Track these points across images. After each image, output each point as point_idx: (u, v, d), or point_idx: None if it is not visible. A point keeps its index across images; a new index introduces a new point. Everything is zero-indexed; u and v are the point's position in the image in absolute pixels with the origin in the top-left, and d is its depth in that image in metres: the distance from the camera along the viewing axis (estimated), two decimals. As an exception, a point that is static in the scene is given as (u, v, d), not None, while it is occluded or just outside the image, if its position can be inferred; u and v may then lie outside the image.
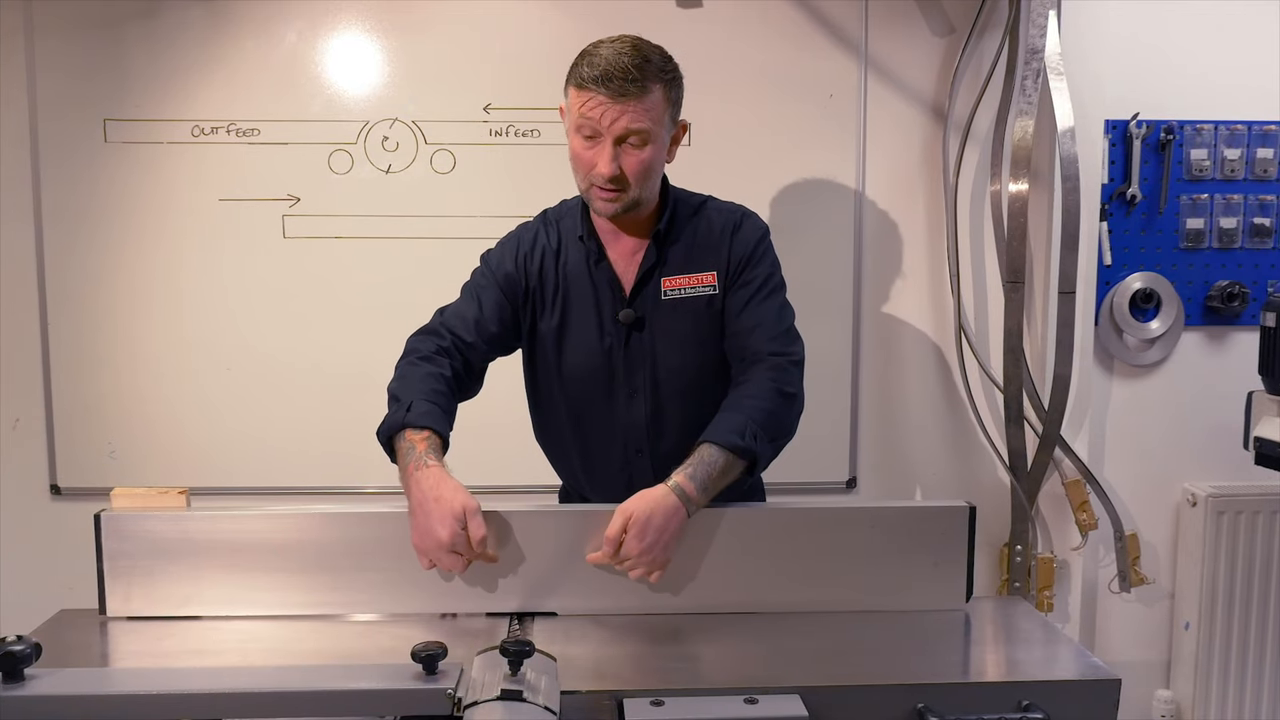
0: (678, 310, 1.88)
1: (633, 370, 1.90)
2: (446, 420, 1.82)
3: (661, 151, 1.82)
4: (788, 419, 1.84)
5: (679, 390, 1.91)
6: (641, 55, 1.77)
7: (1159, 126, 2.69)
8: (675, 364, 1.89)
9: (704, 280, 1.87)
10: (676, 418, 1.92)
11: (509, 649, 1.37)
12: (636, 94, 1.74)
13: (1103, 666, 1.59)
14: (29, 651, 1.27)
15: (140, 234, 2.59)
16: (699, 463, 1.70)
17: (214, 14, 2.54)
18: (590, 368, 1.92)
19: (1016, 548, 2.71)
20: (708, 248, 1.88)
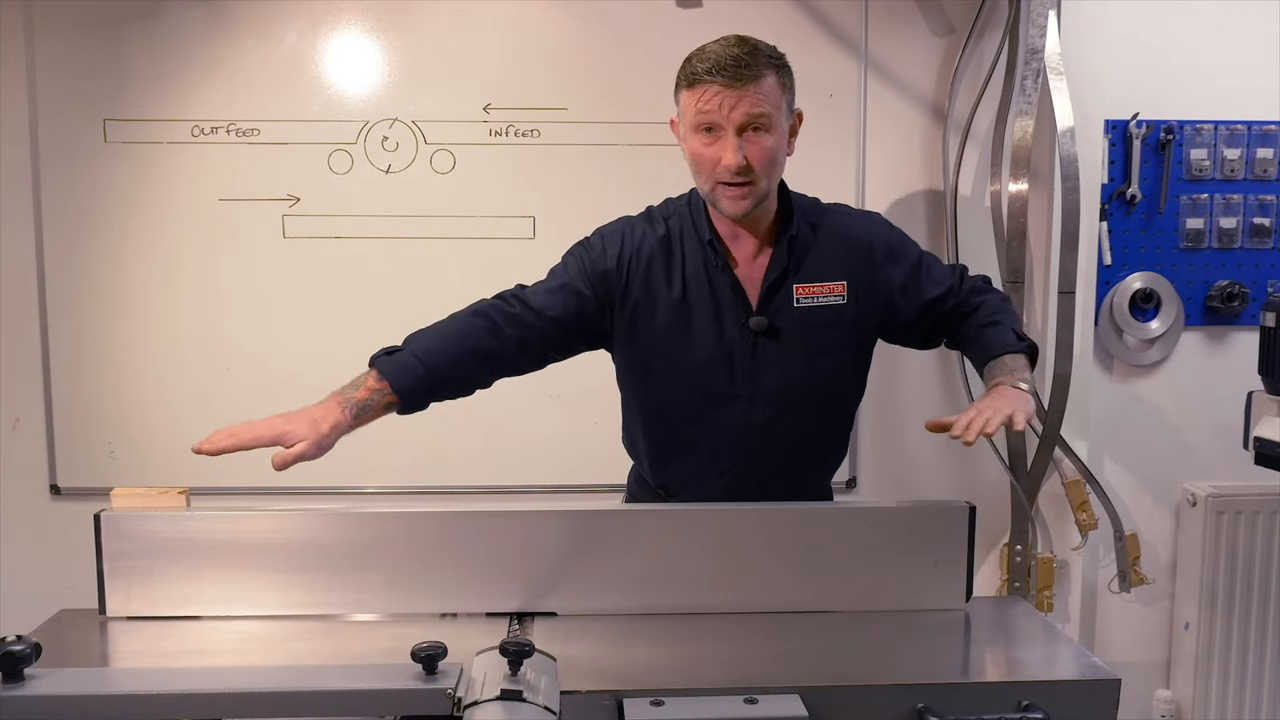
0: (809, 318, 1.83)
1: (756, 377, 1.85)
2: (420, 381, 1.81)
3: (783, 140, 1.78)
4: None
5: (799, 398, 1.87)
6: (750, 44, 1.75)
7: (1159, 126, 2.69)
8: (801, 372, 1.85)
9: (834, 290, 1.83)
10: (792, 425, 1.89)
11: (509, 649, 1.37)
12: (752, 79, 1.71)
13: (1102, 666, 1.59)
14: (29, 651, 1.27)
15: (140, 234, 2.59)
16: (1017, 367, 1.79)
17: (214, 14, 2.54)
18: (706, 373, 1.86)
19: (1016, 547, 2.71)
20: (837, 258, 1.84)
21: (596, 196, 2.60)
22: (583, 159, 2.61)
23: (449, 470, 2.65)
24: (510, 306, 1.86)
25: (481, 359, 1.85)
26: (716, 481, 1.94)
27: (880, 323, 1.89)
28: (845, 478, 2.74)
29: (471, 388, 1.89)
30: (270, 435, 1.69)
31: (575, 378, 2.62)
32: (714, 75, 1.72)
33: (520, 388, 2.63)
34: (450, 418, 2.63)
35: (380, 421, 2.64)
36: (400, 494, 2.64)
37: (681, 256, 1.85)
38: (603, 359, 2.63)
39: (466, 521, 1.79)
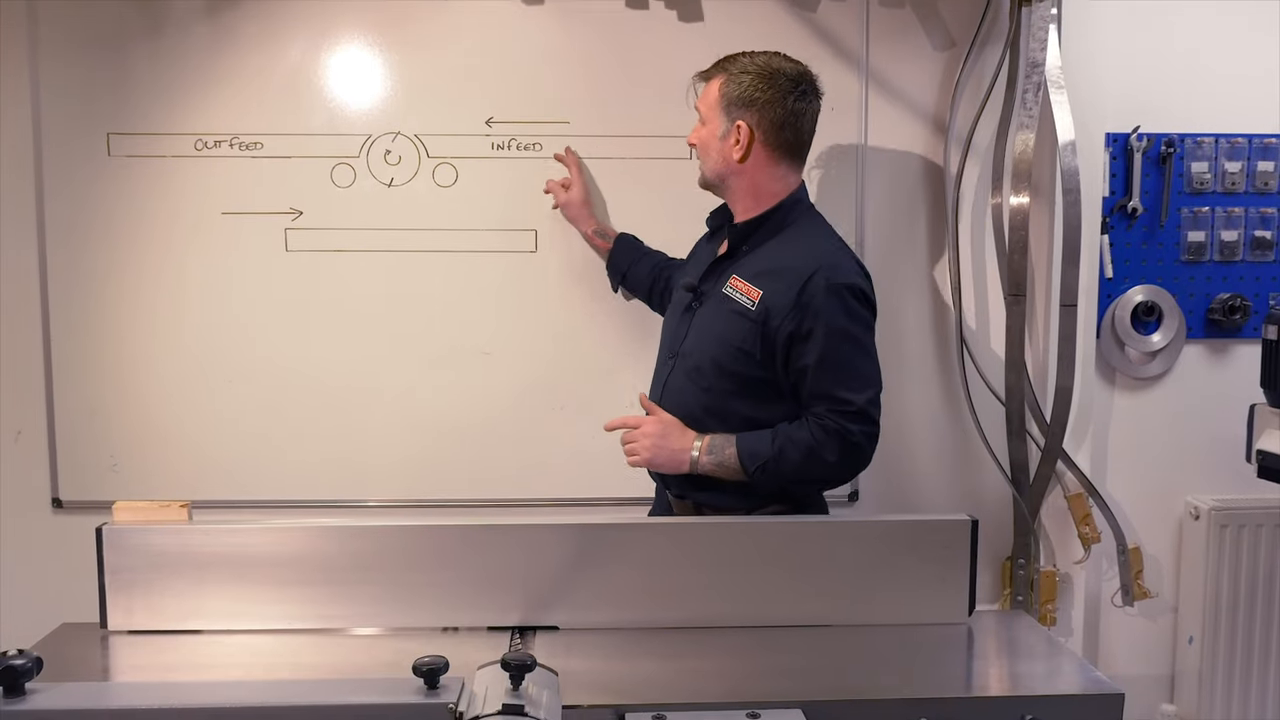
0: (726, 304, 2.06)
1: (680, 337, 2.14)
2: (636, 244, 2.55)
3: (710, 137, 2.09)
4: (810, 475, 2.01)
5: (690, 369, 2.10)
6: (733, 55, 2.11)
7: (1160, 139, 2.69)
8: (697, 346, 2.10)
9: (750, 294, 2.03)
10: (679, 393, 2.11)
11: (511, 663, 1.37)
12: (703, 80, 2.12)
13: (1106, 681, 1.59)
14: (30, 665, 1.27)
15: (143, 247, 2.59)
16: (721, 448, 2.00)
17: (218, 29, 2.55)
18: (666, 322, 2.26)
19: (1019, 561, 2.70)
20: (769, 274, 2.03)
21: (599, 210, 2.61)
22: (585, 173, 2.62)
23: (451, 484, 2.65)
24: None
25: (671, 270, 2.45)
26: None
27: (769, 344, 2.00)
28: (847, 491, 2.74)
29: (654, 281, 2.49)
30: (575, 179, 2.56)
31: (579, 390, 2.63)
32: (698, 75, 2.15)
33: (523, 399, 2.65)
34: (453, 430, 2.65)
35: (382, 433, 2.67)
36: (402, 507, 2.64)
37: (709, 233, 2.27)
38: (607, 372, 2.65)
39: (468, 535, 1.79)
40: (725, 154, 2.07)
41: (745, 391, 2.04)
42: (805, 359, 1.97)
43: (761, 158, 2.06)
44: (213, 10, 2.54)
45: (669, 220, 2.57)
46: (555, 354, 2.65)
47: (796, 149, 2.10)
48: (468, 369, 2.65)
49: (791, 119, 2.05)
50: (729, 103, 2.05)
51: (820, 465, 1.97)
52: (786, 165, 2.09)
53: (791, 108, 2.05)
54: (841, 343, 1.98)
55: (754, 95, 2.04)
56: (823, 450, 1.96)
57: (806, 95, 2.08)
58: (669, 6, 2.60)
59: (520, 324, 2.65)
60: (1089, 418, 2.73)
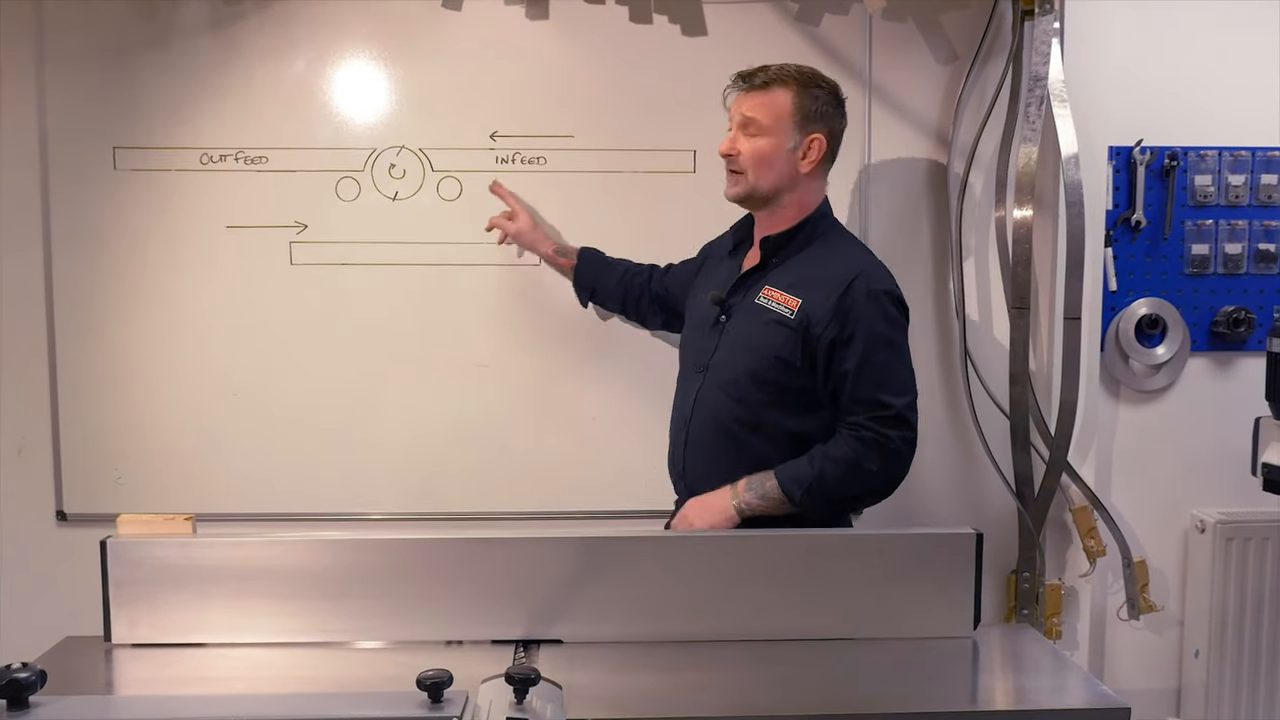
0: (759, 317, 2.07)
1: (709, 351, 2.13)
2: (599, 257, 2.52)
3: (779, 149, 2.06)
4: (854, 490, 2.04)
5: (723, 381, 2.09)
6: (789, 65, 2.10)
7: (1163, 152, 2.70)
8: (730, 357, 2.09)
9: (788, 304, 2.05)
10: (715, 404, 2.10)
11: (514, 677, 1.36)
12: (759, 87, 2.07)
13: (1112, 695, 1.58)
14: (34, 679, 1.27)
15: (148, 260, 2.60)
16: (761, 483, 2.00)
17: (223, 43, 2.56)
18: (690, 338, 2.25)
19: (1024, 574, 2.69)
20: (808, 283, 2.05)
21: (603, 224, 2.61)
22: (589, 186, 2.62)
23: (455, 496, 2.65)
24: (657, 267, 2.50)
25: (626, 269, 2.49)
26: (675, 441, 2.19)
27: (811, 352, 2.02)
28: (851, 504, 2.73)
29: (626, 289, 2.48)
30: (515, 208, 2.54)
31: (582, 402, 2.63)
32: (735, 83, 2.11)
33: (526, 413, 2.65)
34: (457, 443, 2.65)
35: (386, 446, 2.67)
36: (406, 520, 2.64)
37: (727, 244, 2.25)
38: (609, 386, 2.65)
39: (472, 548, 1.79)
40: (793, 167, 2.08)
41: (781, 401, 2.05)
42: (846, 364, 2.00)
43: (817, 172, 2.12)
44: (218, 25, 2.56)
45: (672, 233, 2.58)
46: (558, 367, 2.65)
47: (834, 162, 2.17)
48: (471, 382, 2.65)
49: (840, 135, 2.15)
50: (805, 116, 2.06)
51: (863, 477, 2.00)
52: (824, 178, 2.16)
53: (843, 124, 2.15)
54: (881, 348, 2.01)
55: (827, 110, 2.09)
56: (864, 461, 1.98)
57: (846, 114, 2.17)
58: (672, 21, 2.61)
59: (523, 337, 2.65)
60: (1094, 430, 2.72)
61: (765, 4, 2.62)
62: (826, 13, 2.62)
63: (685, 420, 2.15)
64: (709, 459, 2.10)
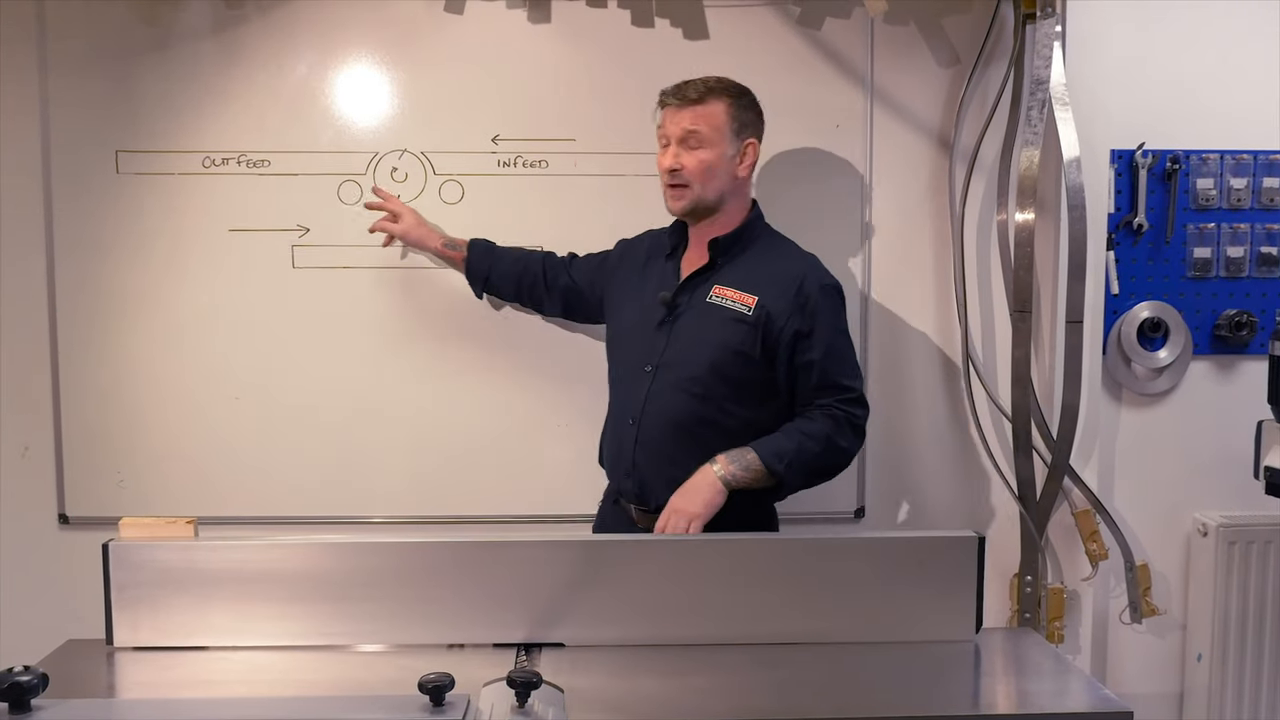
0: (713, 314, 2.15)
1: (659, 349, 2.17)
2: (490, 247, 2.53)
3: (722, 159, 2.14)
4: (828, 464, 2.16)
5: (680, 378, 2.15)
6: (715, 78, 2.17)
7: (1165, 156, 2.70)
8: (687, 354, 2.15)
9: (744, 300, 2.14)
10: (670, 400, 2.15)
11: (516, 680, 1.37)
12: (695, 100, 2.13)
13: (1114, 699, 1.58)
14: (35, 682, 1.27)
15: (151, 264, 2.60)
16: (741, 455, 2.06)
17: (225, 47, 2.57)
18: (630, 338, 2.26)
19: (1026, 578, 2.69)
20: (761, 280, 2.15)
21: (604, 227, 2.60)
22: (591, 190, 2.62)
23: (456, 500, 2.65)
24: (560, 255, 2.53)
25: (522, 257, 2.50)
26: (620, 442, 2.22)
27: (772, 345, 2.13)
28: (853, 508, 2.73)
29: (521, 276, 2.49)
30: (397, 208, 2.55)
31: (584, 406, 2.63)
32: (667, 98, 2.17)
33: (528, 416, 2.65)
34: (459, 446, 2.65)
35: (388, 449, 2.67)
36: (407, 524, 2.64)
37: (657, 249, 2.30)
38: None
39: (474, 552, 1.79)
40: (734, 174, 2.18)
41: (739, 393, 2.15)
42: (811, 354, 2.13)
43: (750, 175, 2.23)
44: (220, 28, 2.56)
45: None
46: (560, 370, 2.65)
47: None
48: (473, 385, 2.65)
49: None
50: (740, 125, 2.16)
51: (836, 452, 2.14)
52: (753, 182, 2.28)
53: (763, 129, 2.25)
54: (839, 336, 2.18)
55: (756, 116, 2.21)
56: (837, 437, 2.13)
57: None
58: (674, 24, 2.62)
59: (525, 340, 2.65)
60: (1096, 434, 2.72)
61: (767, 7, 2.62)
62: (828, 16, 2.63)
63: (634, 418, 2.19)
64: (664, 453, 2.14)
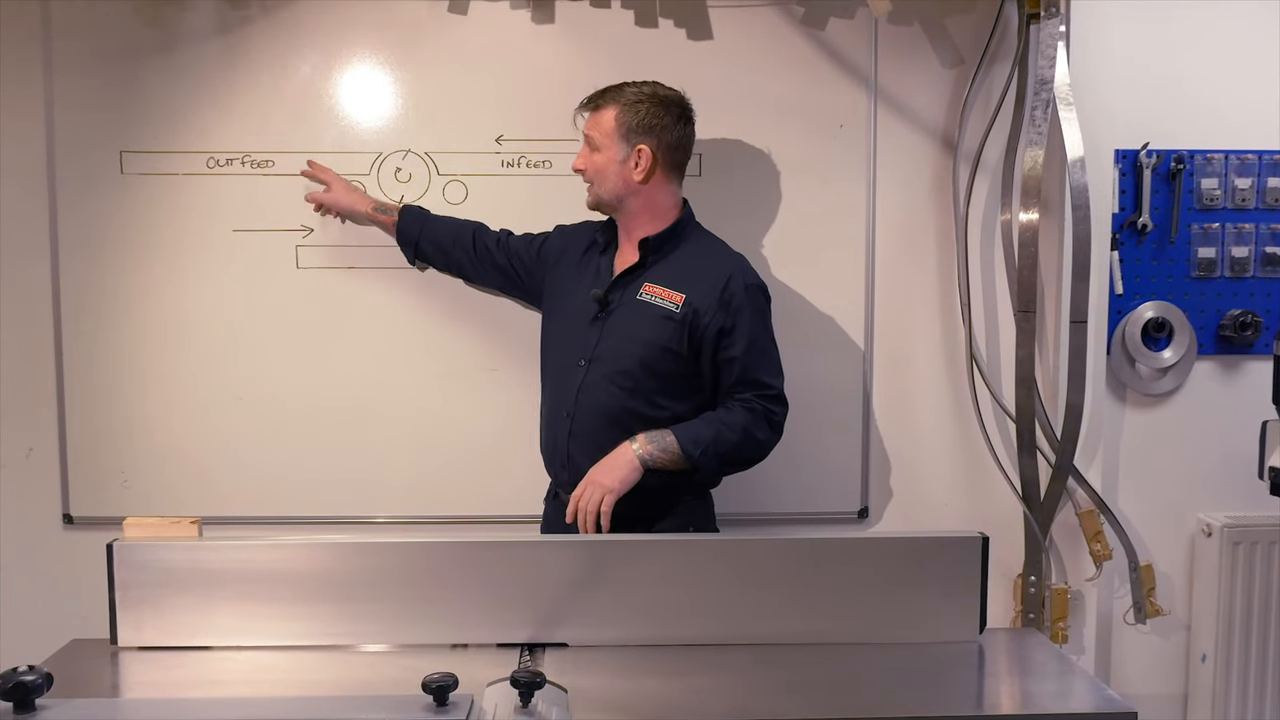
0: (643, 311, 2.22)
1: (590, 345, 2.24)
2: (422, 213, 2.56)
3: (610, 162, 2.23)
4: (744, 454, 2.22)
5: (611, 372, 2.21)
6: (618, 85, 2.25)
7: (1169, 156, 2.69)
8: (619, 350, 2.22)
9: (672, 298, 2.21)
10: (602, 394, 2.22)
11: (520, 680, 1.37)
12: (593, 108, 2.26)
13: (1118, 699, 1.58)
14: (40, 682, 1.27)
15: (155, 264, 2.61)
16: (661, 437, 2.14)
17: (230, 48, 2.57)
18: (563, 334, 2.32)
19: (1030, 578, 2.69)
20: (689, 279, 2.22)
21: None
22: (594, 189, 2.62)
23: (459, 500, 2.65)
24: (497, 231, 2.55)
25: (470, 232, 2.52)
26: (556, 433, 2.29)
27: (697, 341, 2.20)
28: (857, 508, 2.73)
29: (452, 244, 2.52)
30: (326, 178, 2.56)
31: (586, 407, 2.63)
32: (580, 106, 2.30)
33: (531, 416, 2.65)
34: (462, 447, 2.65)
35: (391, 449, 2.68)
36: (410, 524, 2.64)
37: (593, 245, 2.36)
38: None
39: (477, 552, 1.79)
40: (626, 177, 2.23)
41: (668, 388, 2.21)
42: (733, 350, 2.19)
43: (659, 178, 2.25)
44: (224, 29, 2.56)
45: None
46: (564, 370, 2.65)
47: (683, 168, 2.31)
48: (476, 385, 2.65)
49: (682, 142, 2.27)
50: (628, 130, 2.21)
51: (752, 443, 2.20)
52: (676, 183, 2.30)
53: (683, 132, 2.26)
54: (760, 335, 2.23)
55: (651, 122, 2.22)
56: (754, 429, 2.19)
57: (690, 120, 2.28)
58: (678, 25, 2.62)
59: (528, 340, 2.64)
60: (1100, 434, 2.72)
61: (770, 8, 2.62)
62: (832, 16, 2.62)
63: (567, 412, 2.25)
64: (597, 445, 2.19)
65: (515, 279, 2.50)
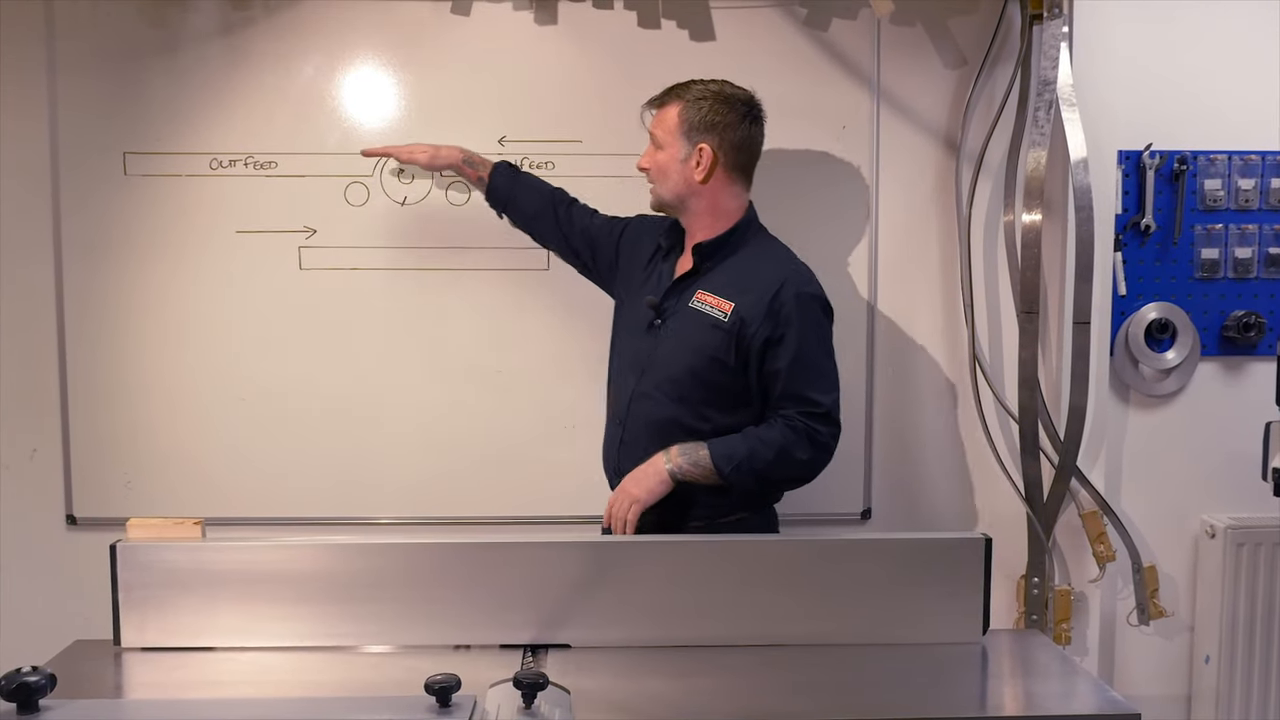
0: (694, 320, 2.14)
1: (645, 353, 2.19)
2: (512, 173, 2.46)
3: (672, 161, 2.16)
4: (783, 474, 2.12)
5: (661, 381, 2.16)
6: (685, 82, 2.19)
7: (1172, 157, 2.69)
8: (669, 358, 2.16)
9: (722, 307, 2.12)
10: (651, 403, 2.17)
11: (523, 682, 1.37)
12: (659, 105, 2.20)
13: (1121, 701, 1.58)
14: (43, 682, 1.27)
15: (158, 265, 2.61)
16: (694, 451, 2.07)
17: (233, 49, 2.57)
18: (625, 339, 2.28)
19: (1033, 580, 2.69)
20: (740, 287, 2.13)
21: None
22: (597, 191, 2.61)
23: (462, 501, 2.65)
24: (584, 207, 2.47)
25: (553, 203, 2.43)
26: (611, 438, 2.25)
27: (744, 351, 2.11)
28: (860, 509, 2.73)
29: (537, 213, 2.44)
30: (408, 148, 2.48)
31: (590, 407, 2.63)
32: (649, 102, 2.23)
33: (534, 417, 2.65)
34: (464, 448, 2.65)
35: (394, 450, 2.68)
36: (413, 525, 2.64)
37: (659, 245, 2.29)
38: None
39: (480, 553, 1.79)
40: (687, 176, 2.16)
41: (717, 400, 2.13)
42: (778, 363, 2.09)
43: (721, 178, 2.18)
44: (228, 30, 2.57)
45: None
46: (566, 372, 2.66)
47: (749, 170, 2.22)
48: (479, 387, 2.65)
49: (747, 142, 2.19)
50: (690, 127, 2.15)
51: (791, 463, 2.09)
52: (741, 185, 2.21)
53: (748, 131, 2.18)
54: (810, 348, 2.12)
55: (714, 119, 2.15)
56: (794, 449, 2.08)
57: (758, 119, 2.21)
58: (681, 26, 2.62)
59: (531, 342, 2.66)
60: (1103, 435, 2.72)
61: (773, 9, 2.62)
62: (835, 17, 2.63)
63: (620, 420, 2.21)
64: (644, 454, 2.14)
65: (587, 264, 2.45)
